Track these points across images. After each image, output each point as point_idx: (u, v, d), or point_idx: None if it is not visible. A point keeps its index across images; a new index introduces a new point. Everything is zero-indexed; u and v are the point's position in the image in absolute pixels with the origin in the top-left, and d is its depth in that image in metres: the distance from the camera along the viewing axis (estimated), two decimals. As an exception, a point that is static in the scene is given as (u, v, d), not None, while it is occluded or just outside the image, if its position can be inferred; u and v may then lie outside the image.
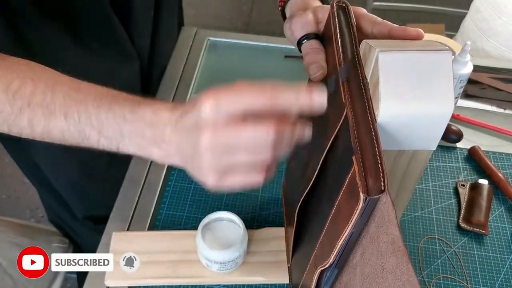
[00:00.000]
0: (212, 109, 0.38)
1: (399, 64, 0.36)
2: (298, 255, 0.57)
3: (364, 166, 0.33)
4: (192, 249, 0.62)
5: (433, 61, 0.36)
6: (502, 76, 0.91)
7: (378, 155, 0.33)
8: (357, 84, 0.38)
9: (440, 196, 0.73)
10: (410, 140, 0.39)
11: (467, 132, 0.82)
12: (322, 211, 0.44)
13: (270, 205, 0.71)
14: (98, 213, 0.86)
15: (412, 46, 0.37)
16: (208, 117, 0.38)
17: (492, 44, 1.16)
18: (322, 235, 0.43)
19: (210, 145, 0.38)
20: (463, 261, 0.66)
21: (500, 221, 0.70)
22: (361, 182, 0.32)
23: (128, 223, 0.68)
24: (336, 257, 0.39)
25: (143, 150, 0.43)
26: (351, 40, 0.41)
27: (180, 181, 0.73)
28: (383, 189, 0.31)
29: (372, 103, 0.37)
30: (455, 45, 0.85)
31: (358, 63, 0.39)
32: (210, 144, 0.38)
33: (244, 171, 0.40)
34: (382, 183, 0.31)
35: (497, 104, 0.87)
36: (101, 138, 0.43)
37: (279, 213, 0.70)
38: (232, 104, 0.38)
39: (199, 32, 0.99)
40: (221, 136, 0.38)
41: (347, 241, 0.37)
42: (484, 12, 1.18)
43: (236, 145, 0.38)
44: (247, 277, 0.62)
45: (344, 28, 0.43)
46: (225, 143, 0.38)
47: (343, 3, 0.45)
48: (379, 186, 0.31)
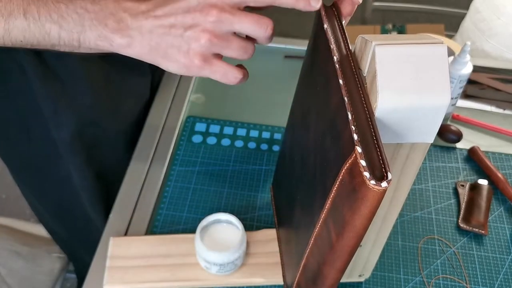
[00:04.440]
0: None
1: (395, 57, 0.36)
2: (290, 255, 0.57)
3: (367, 157, 0.33)
4: (190, 252, 0.62)
5: (429, 54, 0.37)
6: (502, 77, 0.91)
7: (378, 146, 0.33)
8: (353, 80, 0.38)
9: (440, 196, 0.73)
10: (408, 133, 0.39)
11: (467, 132, 0.82)
12: (310, 210, 0.44)
13: (269, 206, 0.71)
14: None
15: (407, 39, 0.37)
16: (213, 2, 0.41)
17: (491, 45, 1.16)
18: (312, 239, 0.43)
19: (211, 25, 0.41)
20: (462, 261, 0.66)
21: (499, 221, 0.70)
22: (368, 171, 0.32)
23: (127, 224, 0.68)
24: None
25: (103, 39, 0.43)
26: (344, 39, 0.42)
27: (180, 181, 0.73)
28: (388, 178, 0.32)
29: (369, 97, 0.37)
30: (454, 46, 0.85)
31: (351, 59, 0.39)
32: (212, 25, 0.41)
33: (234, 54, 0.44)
34: (385, 173, 0.32)
35: (497, 105, 0.87)
36: (62, 32, 0.43)
37: (278, 213, 0.70)
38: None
39: (198, 32, 0.99)
40: (226, 17, 0.41)
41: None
42: (483, 12, 1.18)
43: (237, 29, 0.42)
44: (247, 279, 0.61)
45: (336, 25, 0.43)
46: (229, 23, 0.42)
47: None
48: (383, 176, 0.32)
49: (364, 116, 0.35)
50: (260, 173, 0.75)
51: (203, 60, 0.43)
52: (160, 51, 0.44)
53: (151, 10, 0.43)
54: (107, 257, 0.62)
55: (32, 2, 0.43)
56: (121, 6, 0.43)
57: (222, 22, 0.42)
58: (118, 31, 0.43)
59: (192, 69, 0.44)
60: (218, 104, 0.86)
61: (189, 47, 0.43)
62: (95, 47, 0.44)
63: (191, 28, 0.42)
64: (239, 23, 0.42)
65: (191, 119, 0.82)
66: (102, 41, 0.44)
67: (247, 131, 0.81)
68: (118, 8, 0.43)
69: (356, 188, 0.33)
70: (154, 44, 0.43)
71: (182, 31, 0.43)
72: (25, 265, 0.93)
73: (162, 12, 0.43)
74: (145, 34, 0.43)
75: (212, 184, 0.73)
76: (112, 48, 0.44)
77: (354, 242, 0.38)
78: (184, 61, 0.43)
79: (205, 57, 0.43)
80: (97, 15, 0.43)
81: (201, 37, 0.42)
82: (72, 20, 0.43)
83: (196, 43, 0.42)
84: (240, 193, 0.72)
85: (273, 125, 0.82)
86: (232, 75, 0.45)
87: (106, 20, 0.43)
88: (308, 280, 0.48)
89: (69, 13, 0.43)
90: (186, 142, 0.78)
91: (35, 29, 0.43)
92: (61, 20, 0.43)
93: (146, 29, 0.43)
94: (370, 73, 0.38)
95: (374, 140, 0.34)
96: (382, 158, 0.33)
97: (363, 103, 0.36)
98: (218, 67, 0.44)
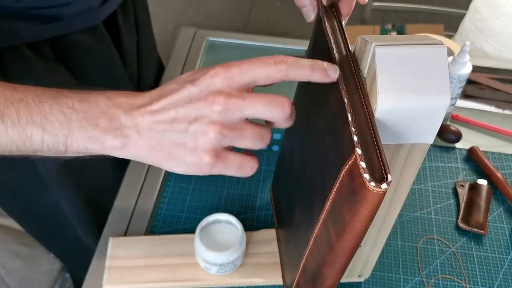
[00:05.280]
0: (223, 78, 0.36)
1: (395, 58, 0.36)
2: (289, 255, 0.57)
3: (367, 158, 0.33)
4: (190, 252, 0.62)
5: (429, 54, 0.37)
6: (501, 77, 0.91)
7: (378, 147, 0.33)
8: (353, 81, 0.38)
9: (439, 196, 0.73)
10: (408, 134, 0.39)
11: (466, 132, 0.82)
12: (310, 211, 0.44)
13: (268, 206, 0.71)
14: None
15: (407, 40, 0.37)
16: (218, 87, 0.36)
17: (491, 45, 1.16)
18: (312, 240, 0.43)
19: (219, 115, 0.36)
20: (462, 261, 0.66)
21: (498, 221, 0.70)
22: (368, 173, 0.32)
23: (127, 224, 0.68)
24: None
25: (94, 141, 0.38)
26: (343, 40, 0.42)
27: (179, 182, 0.73)
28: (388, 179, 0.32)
29: (369, 98, 0.37)
30: (454, 46, 0.85)
31: (351, 60, 0.39)
32: (220, 114, 0.36)
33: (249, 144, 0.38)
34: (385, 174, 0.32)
35: (496, 105, 0.87)
36: (45, 136, 0.37)
37: (278, 213, 0.70)
38: (244, 75, 0.37)
39: (198, 32, 0.99)
40: (235, 102, 0.36)
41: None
42: (483, 12, 1.18)
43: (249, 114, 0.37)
44: (246, 279, 0.61)
45: (336, 27, 0.43)
46: (239, 110, 0.36)
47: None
48: (383, 177, 0.32)
49: (364, 117, 0.35)
50: (260, 173, 0.75)
51: (214, 157, 0.37)
52: (162, 151, 0.38)
53: (148, 104, 0.38)
54: (107, 257, 0.62)
55: (11, 103, 0.37)
56: (113, 102, 0.38)
57: (230, 109, 0.37)
58: (110, 131, 0.37)
59: (203, 168, 0.38)
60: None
61: (196, 144, 0.37)
62: (84, 150, 0.38)
63: (196, 120, 0.37)
64: (250, 108, 0.37)
65: (191, 119, 0.82)
66: (92, 143, 0.38)
67: (247, 131, 0.80)
68: (110, 105, 0.38)
69: (356, 190, 0.33)
70: (155, 143, 0.38)
71: (186, 125, 0.37)
72: (24, 265, 0.93)
73: (160, 106, 0.37)
74: (142, 132, 0.37)
75: (211, 184, 0.73)
76: (104, 150, 0.38)
77: (354, 243, 0.38)
78: (192, 160, 0.38)
79: (216, 153, 0.37)
80: (86, 114, 0.37)
81: (209, 130, 0.36)
82: (57, 121, 0.37)
83: (204, 138, 0.37)
84: (239, 193, 0.72)
85: (272, 125, 0.82)
86: (248, 166, 0.39)
87: (97, 120, 0.37)
88: (308, 281, 0.48)
89: (54, 114, 0.37)
90: (185, 142, 0.78)
91: (13, 134, 0.37)
92: (45, 122, 0.37)
93: (143, 127, 0.37)
94: (370, 74, 0.38)
95: (374, 141, 0.34)
96: (382, 160, 0.33)
97: (363, 104, 0.36)
98: (232, 161, 0.39)
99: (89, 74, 0.67)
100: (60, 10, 0.58)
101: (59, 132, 0.37)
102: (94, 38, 0.65)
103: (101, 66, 0.68)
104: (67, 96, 0.38)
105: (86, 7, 0.62)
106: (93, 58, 0.67)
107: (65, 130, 0.37)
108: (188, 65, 0.91)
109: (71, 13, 0.60)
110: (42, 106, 0.37)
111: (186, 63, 0.92)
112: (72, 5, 0.59)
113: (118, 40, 0.72)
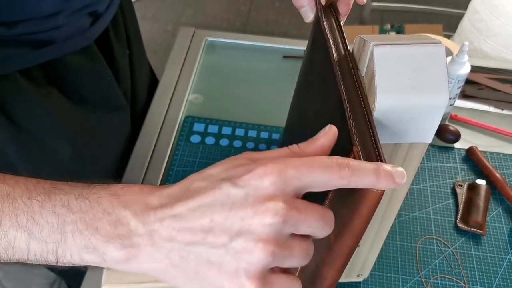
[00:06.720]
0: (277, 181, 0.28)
1: (394, 57, 0.36)
2: None
3: (365, 158, 0.33)
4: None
5: (427, 54, 0.37)
6: (500, 77, 0.91)
7: (377, 147, 0.33)
8: (351, 80, 0.38)
9: (438, 196, 0.73)
10: (406, 133, 0.39)
11: (465, 132, 0.82)
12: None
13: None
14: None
15: (405, 39, 0.37)
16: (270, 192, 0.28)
17: (489, 45, 1.16)
18: None
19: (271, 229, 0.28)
20: (460, 261, 0.66)
21: (497, 221, 0.71)
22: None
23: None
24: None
25: (91, 251, 0.29)
26: (342, 39, 0.42)
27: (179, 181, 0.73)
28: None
29: (368, 97, 0.37)
30: (453, 46, 0.85)
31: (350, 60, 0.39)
32: (272, 229, 0.28)
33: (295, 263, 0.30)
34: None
35: (495, 105, 0.87)
36: (32, 242, 0.30)
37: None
38: (302, 180, 0.29)
39: (197, 32, 0.99)
40: (291, 215, 0.28)
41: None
42: (482, 12, 1.18)
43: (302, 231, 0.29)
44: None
45: (334, 27, 0.43)
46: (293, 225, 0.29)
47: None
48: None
49: (362, 117, 0.35)
50: (259, 173, 0.75)
51: (260, 284, 0.28)
52: (186, 270, 0.29)
53: (167, 205, 0.30)
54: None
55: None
56: (120, 200, 0.30)
57: (287, 223, 0.28)
58: (114, 238, 0.29)
59: None
60: (216, 104, 0.86)
61: (237, 266, 0.28)
62: (79, 262, 0.30)
63: (240, 235, 0.28)
64: (305, 223, 0.29)
65: (189, 119, 0.82)
66: (89, 253, 0.29)
67: (246, 131, 0.81)
68: (115, 204, 0.30)
69: (354, 189, 0.33)
70: (176, 258, 0.29)
71: (226, 239, 0.28)
72: (22, 267, 0.93)
73: (187, 208, 0.29)
74: (159, 243, 0.29)
75: (210, 184, 0.73)
76: (105, 263, 0.30)
77: (353, 243, 0.38)
78: (228, 286, 0.29)
79: (262, 278, 0.29)
80: (84, 215, 0.29)
81: (257, 250, 0.28)
82: (47, 224, 0.29)
83: (250, 259, 0.28)
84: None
85: (271, 125, 0.82)
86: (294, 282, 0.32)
87: (97, 223, 0.29)
88: (306, 280, 0.48)
89: (44, 214, 0.30)
90: (184, 142, 0.78)
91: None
92: (32, 224, 0.29)
93: (161, 236, 0.29)
94: (369, 73, 0.38)
95: (373, 140, 0.34)
96: (380, 159, 0.33)
97: (362, 104, 0.36)
98: (279, 285, 0.30)
99: (83, 94, 0.66)
100: (51, 33, 0.57)
101: (48, 238, 0.30)
102: (86, 58, 0.64)
103: (94, 85, 0.67)
104: (64, 191, 0.31)
105: (77, 28, 0.60)
106: (86, 78, 0.66)
107: (56, 235, 0.29)
108: (187, 66, 0.91)
109: (63, 36, 0.58)
110: (32, 204, 0.30)
111: (185, 63, 0.92)
112: (64, 28, 0.58)
113: (110, 57, 0.71)
